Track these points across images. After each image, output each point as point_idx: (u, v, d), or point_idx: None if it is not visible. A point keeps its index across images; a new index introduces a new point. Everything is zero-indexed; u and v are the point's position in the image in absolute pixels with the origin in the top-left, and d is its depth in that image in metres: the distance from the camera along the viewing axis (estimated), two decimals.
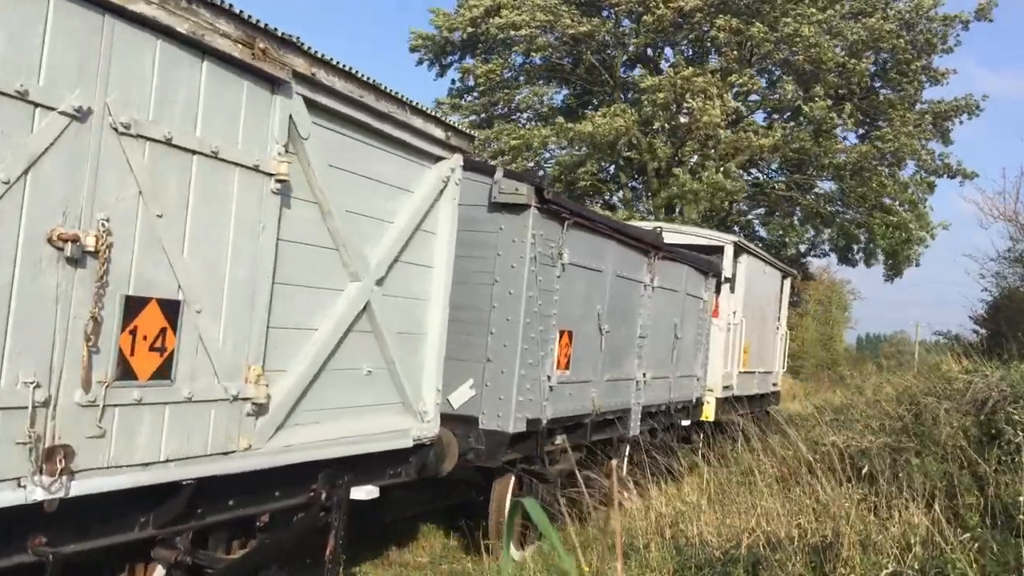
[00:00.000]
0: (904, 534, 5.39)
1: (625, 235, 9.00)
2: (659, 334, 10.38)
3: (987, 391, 7.27)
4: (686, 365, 11.60)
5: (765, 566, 5.36)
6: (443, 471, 6.60)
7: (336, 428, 4.91)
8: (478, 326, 7.10)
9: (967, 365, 9.31)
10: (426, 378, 5.80)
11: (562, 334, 7.77)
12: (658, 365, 10.43)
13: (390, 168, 5.28)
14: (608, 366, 8.88)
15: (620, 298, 9.07)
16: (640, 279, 9.64)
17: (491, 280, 7.11)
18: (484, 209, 7.15)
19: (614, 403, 9.17)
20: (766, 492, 6.77)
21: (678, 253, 10.89)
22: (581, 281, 8.09)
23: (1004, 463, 6.27)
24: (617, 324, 9.02)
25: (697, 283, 11.80)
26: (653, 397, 10.39)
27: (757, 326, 15.92)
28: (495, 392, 7.02)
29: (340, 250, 4.84)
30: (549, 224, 7.34)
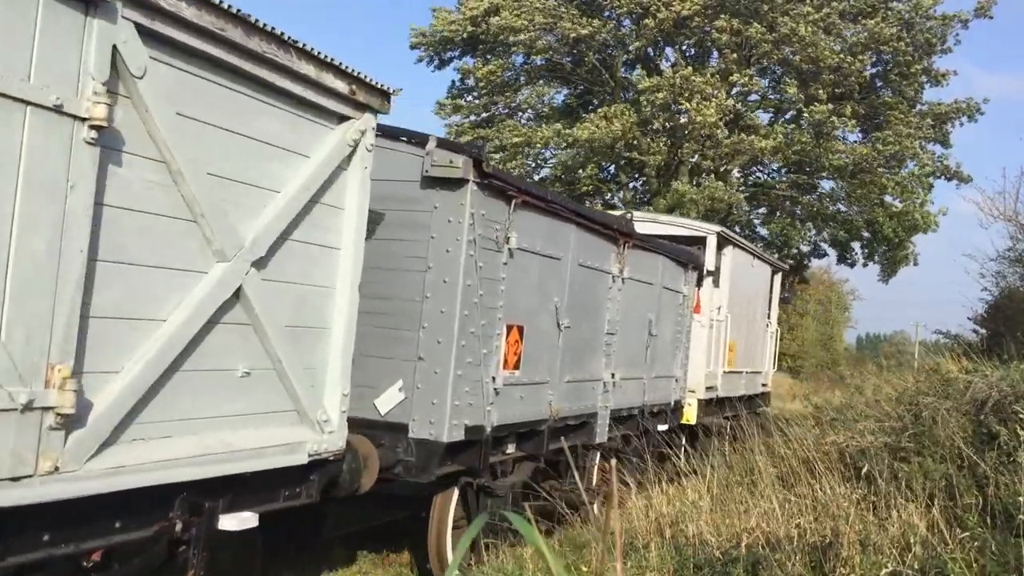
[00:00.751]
0: (904, 534, 5.35)
1: (588, 220, 8.06)
2: (631, 331, 9.45)
3: (987, 391, 7.11)
4: (663, 365, 10.67)
5: (765, 566, 5.33)
6: (362, 487, 5.67)
7: (197, 443, 3.96)
8: (409, 319, 6.17)
9: (967, 365, 9.07)
10: (329, 381, 4.85)
11: (510, 329, 6.83)
12: (629, 365, 9.49)
13: (273, 125, 4.33)
14: (569, 366, 7.94)
15: (583, 290, 8.13)
16: (607, 269, 8.70)
17: (423, 266, 6.17)
18: (417, 185, 6.21)
19: (577, 407, 8.23)
20: (767, 492, 6.72)
21: (653, 242, 9.95)
22: (534, 270, 7.15)
23: (1004, 463, 6.20)
24: (579, 319, 8.08)
25: (675, 276, 10.87)
26: (624, 400, 9.46)
27: (744, 323, 14.99)
28: (428, 396, 6.08)
29: (199, 222, 3.90)
30: (492, 203, 6.40)
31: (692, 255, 11.37)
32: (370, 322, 6.20)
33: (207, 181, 3.89)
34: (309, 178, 4.55)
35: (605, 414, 8.92)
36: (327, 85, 4.55)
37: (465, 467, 6.59)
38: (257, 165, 4.22)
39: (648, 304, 9.96)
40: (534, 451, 7.61)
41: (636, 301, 9.55)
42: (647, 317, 9.93)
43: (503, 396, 6.77)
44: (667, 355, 10.80)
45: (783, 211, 28.52)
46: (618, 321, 9.02)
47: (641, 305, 9.74)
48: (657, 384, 10.51)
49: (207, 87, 3.91)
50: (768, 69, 26.87)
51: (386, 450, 6.04)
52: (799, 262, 30.24)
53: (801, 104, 24.61)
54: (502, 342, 6.71)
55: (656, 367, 10.39)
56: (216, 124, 3.96)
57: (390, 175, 6.20)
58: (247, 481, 4.36)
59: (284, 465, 4.48)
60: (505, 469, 7.36)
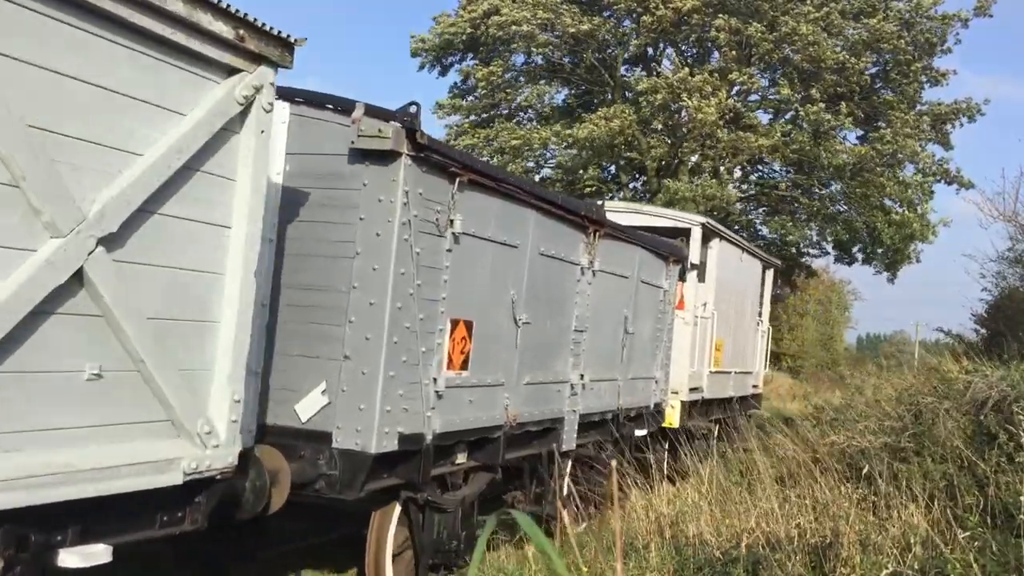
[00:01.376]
0: (904, 534, 5.38)
1: (550, 204, 7.27)
2: (603, 328, 8.67)
3: (987, 391, 7.11)
4: (641, 365, 9.88)
5: (765, 566, 5.33)
6: (272, 507, 4.90)
7: (21, 462, 3.18)
8: (334, 313, 5.39)
9: (967, 365, 8.93)
10: (216, 386, 4.07)
11: (456, 325, 6.04)
12: (602, 365, 8.71)
13: (128, 71, 3.54)
14: (529, 366, 7.16)
15: (546, 282, 7.35)
16: (575, 260, 7.91)
17: (351, 252, 5.38)
18: (344, 159, 5.43)
19: (539, 412, 7.45)
20: (767, 492, 6.70)
21: (629, 232, 9.16)
22: (485, 258, 6.37)
23: (1004, 463, 6.24)
24: (541, 314, 7.30)
25: (655, 269, 10.08)
26: (596, 404, 8.68)
27: (732, 320, 14.22)
28: (354, 400, 5.30)
29: (21, 186, 3.11)
30: (432, 180, 5.62)
31: (674, 247, 10.59)
32: (293, 316, 5.46)
33: (28, 135, 3.10)
34: (182, 140, 3.76)
35: (573, 419, 8.14)
36: (204, 27, 3.77)
37: (403, 480, 5.81)
38: (104, 119, 3.44)
39: (623, 299, 9.18)
40: (489, 461, 6.83)
41: (609, 296, 8.78)
42: (622, 313, 9.15)
43: (448, 400, 5.99)
44: (645, 355, 10.02)
45: (783, 211, 28.34)
46: (588, 317, 8.23)
47: (615, 300, 8.97)
48: (634, 386, 9.73)
49: (25, 16, 3.13)
50: (770, 68, 26.68)
51: (305, 463, 5.27)
52: (799, 259, 30.05)
53: (797, 104, 24.54)
54: (445, 339, 5.93)
55: (633, 368, 9.60)
56: (41, 64, 3.18)
57: (315, 148, 5.46)
58: (106, 506, 3.58)
59: (149, 487, 3.70)
60: (455, 481, 6.58)
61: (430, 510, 6.21)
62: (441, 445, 6.02)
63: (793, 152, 24.95)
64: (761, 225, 29.61)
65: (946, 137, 26.63)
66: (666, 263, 10.37)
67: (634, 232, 9.33)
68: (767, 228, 29.03)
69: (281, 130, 5.41)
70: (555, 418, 7.79)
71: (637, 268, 9.38)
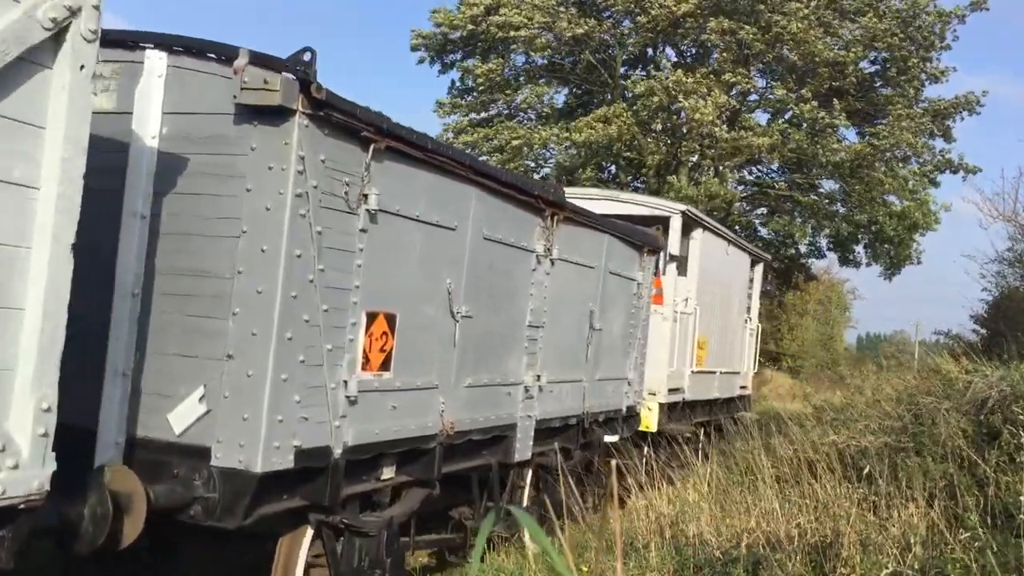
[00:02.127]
0: (904, 534, 5.40)
1: (497, 181, 6.37)
2: (564, 324, 7.79)
3: (987, 391, 7.13)
4: (611, 365, 9.00)
5: (765, 566, 5.34)
6: (123, 539, 4.01)
7: None
8: (216, 303, 4.51)
9: (967, 365, 8.83)
10: (17, 391, 3.17)
11: (373, 318, 5.15)
12: (563, 365, 7.83)
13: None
14: (471, 366, 6.28)
15: (492, 271, 6.47)
16: (529, 247, 7.03)
17: (236, 230, 4.49)
18: (230, 120, 4.53)
19: (485, 418, 6.57)
20: (767, 492, 6.66)
21: (594, 218, 8.26)
22: (412, 241, 5.49)
23: (1004, 463, 6.24)
24: (487, 307, 6.42)
25: (627, 260, 9.20)
26: (556, 407, 7.80)
27: (718, 317, 13.38)
28: (237, 408, 4.40)
29: None
30: (338, 146, 4.73)
31: (649, 236, 9.69)
32: (169, 306, 4.61)
33: None
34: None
35: (528, 425, 7.25)
36: None
37: (309, 502, 4.91)
38: None
39: (589, 292, 8.29)
40: (423, 475, 5.94)
41: (572, 288, 7.90)
42: (587, 307, 8.27)
43: (364, 406, 5.10)
44: (616, 353, 9.14)
45: (783, 211, 28.24)
46: (545, 311, 7.35)
47: (579, 293, 8.08)
48: (603, 388, 8.84)
49: None
50: (767, 68, 26.61)
51: (178, 484, 4.37)
52: (799, 261, 30.05)
53: (792, 103, 24.46)
54: (359, 335, 5.04)
55: (601, 367, 8.72)
56: None
57: (196, 106, 4.63)
58: None
59: None
60: (382, 500, 5.69)
61: (350, 534, 5.33)
62: (357, 459, 5.15)
63: (791, 151, 24.84)
64: (761, 225, 29.63)
65: (948, 131, 26.37)
66: (640, 253, 9.49)
67: (601, 218, 8.44)
68: (767, 228, 29.05)
69: (157, 85, 4.58)
70: (506, 424, 6.91)
71: (605, 257, 8.49)
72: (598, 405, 8.74)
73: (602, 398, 8.85)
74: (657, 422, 10.96)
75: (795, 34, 23.15)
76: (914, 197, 25.95)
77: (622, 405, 9.42)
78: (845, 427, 8.13)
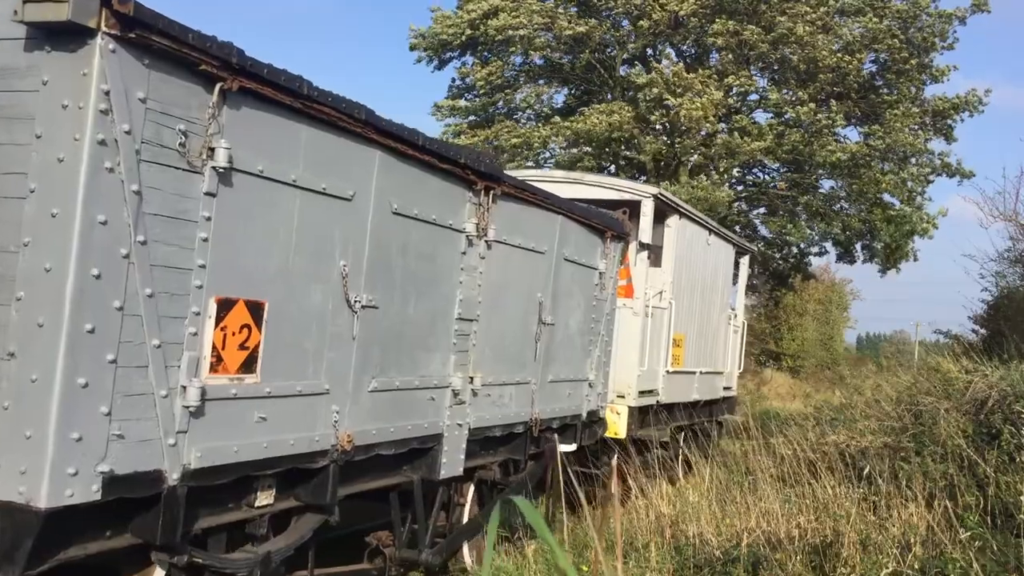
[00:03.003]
0: (904, 534, 5.40)
1: (408, 144, 5.28)
2: (505, 317, 6.75)
3: (987, 391, 7.13)
4: (566, 364, 7.94)
5: (765, 566, 5.36)
6: None
7: None
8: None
9: (967, 365, 8.86)
10: None
11: (229, 307, 4.09)
12: (505, 364, 6.80)
13: None
14: (376, 366, 5.23)
15: (406, 253, 5.42)
16: (457, 226, 5.97)
17: (23, 189, 3.42)
18: (20, 47, 3.47)
19: (398, 428, 5.50)
20: (767, 492, 6.65)
21: (542, 195, 7.19)
22: (286, 211, 4.43)
23: (1004, 463, 6.27)
24: (398, 296, 5.38)
25: (586, 246, 8.13)
26: (496, 414, 6.75)
27: (697, 312, 12.32)
28: (19, 423, 3.34)
29: None
30: (169, 83, 3.69)
31: (612, 220, 8.61)
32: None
33: None
34: None
35: (459, 435, 6.20)
36: None
37: (141, 540, 3.85)
38: None
39: (537, 281, 7.22)
40: (315, 499, 4.89)
41: (515, 275, 6.84)
42: (535, 298, 7.20)
43: (215, 418, 4.05)
44: (574, 351, 8.07)
45: (783, 210, 27.96)
46: (480, 302, 6.29)
47: (525, 281, 7.02)
48: (557, 390, 7.78)
49: None
50: (768, 69, 26.43)
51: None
52: (799, 260, 29.88)
53: (788, 107, 24.44)
54: (206, 328, 3.98)
55: (555, 367, 7.66)
56: None
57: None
58: None
59: None
60: (258, 531, 4.63)
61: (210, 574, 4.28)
62: (211, 485, 4.07)
63: (786, 152, 24.78)
64: (761, 225, 29.40)
65: (949, 131, 26.17)
66: (602, 239, 8.41)
67: (551, 195, 7.36)
68: (767, 228, 28.82)
69: None
70: (428, 435, 5.85)
71: (558, 242, 7.43)
72: (552, 410, 7.68)
73: (556, 402, 7.79)
74: (626, 428, 9.91)
75: (800, 36, 22.95)
76: (911, 200, 25.84)
77: (582, 410, 8.35)
78: (845, 427, 8.12)
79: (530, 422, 7.27)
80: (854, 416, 8.88)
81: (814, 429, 8.80)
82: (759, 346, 40.89)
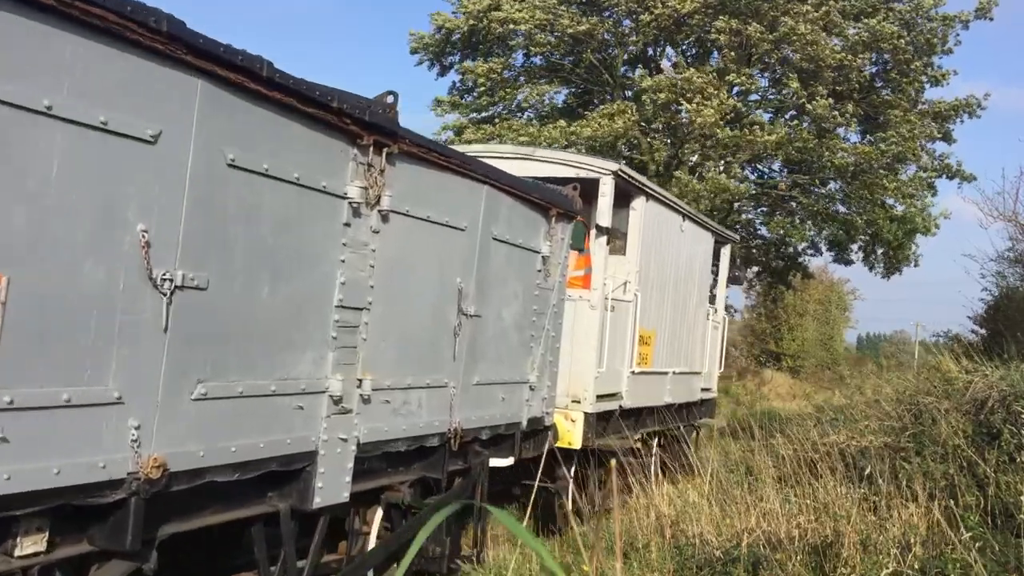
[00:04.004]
0: (904, 534, 5.39)
1: (249, 75, 4.03)
2: (410, 306, 5.52)
3: (987, 391, 7.11)
4: (500, 364, 6.72)
5: (765, 566, 5.35)
6: None
7: None
8: None
9: (967, 365, 8.77)
10: None
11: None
12: (410, 364, 5.57)
13: None
14: (199, 368, 3.98)
15: (251, 222, 4.20)
16: (336, 190, 4.73)
17: None
18: None
19: (243, 447, 4.26)
20: (767, 492, 6.60)
21: (460, 158, 5.93)
22: (36, 150, 3.16)
23: (1004, 463, 6.25)
24: (240, 276, 4.16)
25: (525, 224, 6.91)
26: (398, 425, 5.52)
27: (670, 306, 11.11)
28: None
29: None
30: None
31: (558, 196, 7.37)
32: None
33: None
34: None
35: (343, 452, 4.96)
36: None
37: None
38: None
39: (455, 263, 5.99)
40: (111, 544, 3.65)
41: (424, 255, 5.62)
42: (453, 284, 5.97)
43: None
44: (508, 348, 6.84)
45: (784, 210, 27.94)
46: (371, 287, 5.06)
47: (436, 263, 5.79)
48: (486, 395, 6.56)
49: None
50: (770, 68, 26.39)
51: None
52: (797, 260, 29.78)
53: (804, 99, 24.13)
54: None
55: (482, 367, 6.43)
56: None
57: None
58: None
59: None
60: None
61: None
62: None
63: (796, 150, 24.66)
64: (761, 225, 29.31)
65: (948, 133, 26.20)
66: (546, 218, 7.19)
67: (472, 160, 6.11)
68: (767, 228, 28.67)
69: None
70: (294, 454, 4.61)
71: (483, 217, 6.19)
72: (479, 418, 6.46)
73: (486, 408, 6.56)
74: (582, 436, 8.70)
75: (803, 35, 22.84)
76: (913, 202, 25.71)
77: (521, 417, 7.13)
78: (845, 427, 8.06)
79: (448, 433, 6.04)
80: (854, 416, 8.79)
81: (815, 429, 8.63)
82: (759, 346, 40.51)
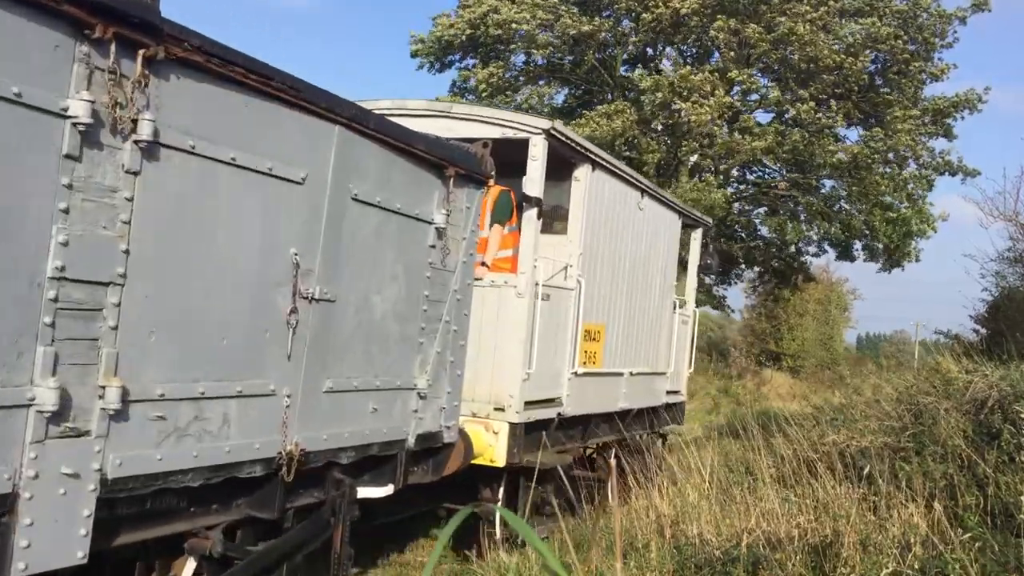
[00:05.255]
0: (904, 534, 5.44)
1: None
2: (205, 282, 3.92)
3: (987, 391, 7.18)
4: (370, 365, 5.14)
5: (765, 566, 5.41)
6: None
7: None
8: None
9: (967, 365, 8.70)
10: None
11: None
12: (205, 365, 3.96)
13: None
14: None
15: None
16: (47, 104, 3.14)
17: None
18: None
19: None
20: (767, 492, 6.63)
21: (285, 80, 4.34)
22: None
23: (1004, 463, 6.31)
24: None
25: (410, 185, 5.33)
26: (184, 450, 3.91)
27: (625, 296, 9.57)
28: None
29: None
30: None
31: (457, 151, 5.81)
32: None
33: None
34: None
35: (78, 494, 3.38)
36: None
37: None
38: None
39: (288, 227, 4.40)
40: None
41: (231, 215, 4.02)
42: (285, 257, 4.39)
43: None
44: (385, 344, 5.26)
45: (784, 210, 28.09)
46: (124, 254, 3.49)
47: (256, 228, 4.20)
48: (347, 405, 4.97)
49: None
50: (769, 68, 26.50)
51: None
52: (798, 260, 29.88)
53: (789, 104, 24.58)
54: None
55: (337, 369, 4.85)
56: None
57: None
58: None
59: None
60: None
61: None
62: None
63: (786, 152, 24.82)
64: (761, 225, 29.49)
65: (949, 129, 26.23)
66: (442, 180, 5.62)
67: (310, 86, 4.54)
68: (767, 228, 28.88)
69: None
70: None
71: (334, 168, 4.61)
72: (335, 437, 4.88)
73: (346, 423, 4.98)
74: (507, 452, 7.19)
75: (801, 35, 22.99)
76: (912, 201, 25.86)
77: (406, 433, 5.56)
78: (845, 427, 8.14)
79: (279, 458, 4.47)
80: (854, 416, 8.77)
81: (814, 429, 8.59)
82: (759, 346, 40.55)
